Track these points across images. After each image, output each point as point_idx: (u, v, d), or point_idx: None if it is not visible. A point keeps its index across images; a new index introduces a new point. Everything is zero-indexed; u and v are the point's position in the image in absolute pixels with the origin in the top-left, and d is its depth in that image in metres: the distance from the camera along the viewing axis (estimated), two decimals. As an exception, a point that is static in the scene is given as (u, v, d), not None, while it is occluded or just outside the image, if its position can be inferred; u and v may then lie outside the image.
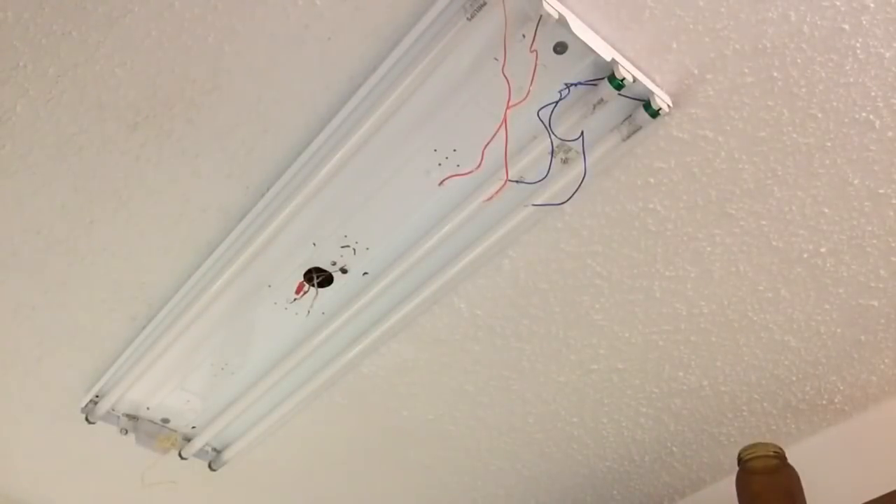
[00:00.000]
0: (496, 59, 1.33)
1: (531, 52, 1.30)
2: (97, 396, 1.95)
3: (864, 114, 1.41)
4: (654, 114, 1.39)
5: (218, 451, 2.11)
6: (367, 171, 1.51)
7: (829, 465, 1.91)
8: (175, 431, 2.05)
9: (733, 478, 1.88)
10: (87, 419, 1.98)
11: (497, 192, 1.47)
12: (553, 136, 1.42)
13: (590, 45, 1.31)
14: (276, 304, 1.74)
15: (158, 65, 1.39)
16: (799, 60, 1.35)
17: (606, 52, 1.33)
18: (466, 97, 1.41)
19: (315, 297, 1.71)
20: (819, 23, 1.30)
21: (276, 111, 1.46)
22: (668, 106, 1.40)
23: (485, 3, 1.26)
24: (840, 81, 1.37)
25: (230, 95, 1.44)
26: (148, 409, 1.98)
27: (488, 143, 1.39)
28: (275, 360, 1.86)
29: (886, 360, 1.79)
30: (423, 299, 1.72)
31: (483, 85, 1.38)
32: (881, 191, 1.51)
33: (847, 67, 1.35)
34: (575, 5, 1.29)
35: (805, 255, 1.61)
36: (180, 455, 2.07)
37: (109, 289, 1.77)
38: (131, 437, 2.00)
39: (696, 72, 1.37)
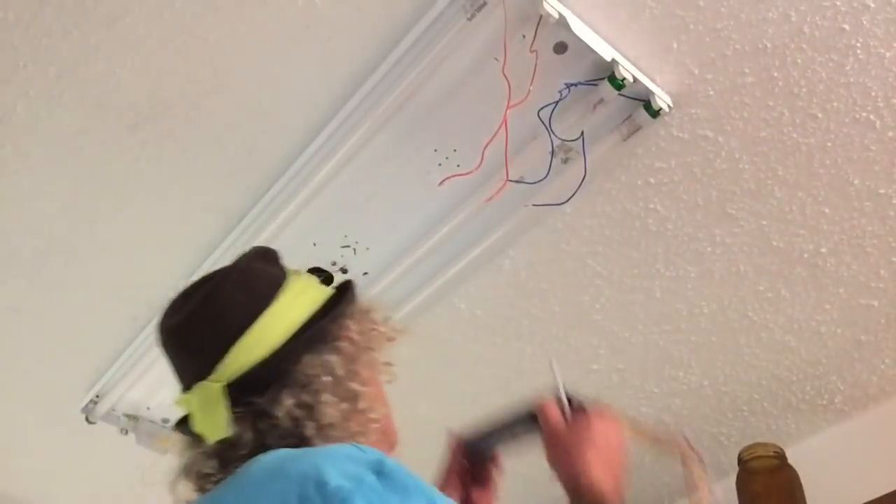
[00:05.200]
0: (496, 59, 1.32)
1: (531, 52, 1.30)
2: (97, 396, 1.95)
3: (864, 114, 1.41)
4: (655, 114, 1.39)
5: (218, 451, 2.10)
6: (367, 171, 1.51)
7: (829, 465, 1.90)
8: (175, 431, 2.04)
9: (733, 478, 1.88)
10: (87, 419, 1.98)
11: (497, 192, 1.47)
12: (553, 136, 1.42)
13: (590, 45, 1.31)
14: (276, 304, 1.73)
15: (158, 65, 1.39)
16: (799, 60, 1.35)
17: (606, 52, 1.33)
18: (466, 97, 1.41)
19: (315, 297, 1.71)
20: (819, 23, 1.30)
21: (276, 111, 1.46)
22: (669, 106, 1.40)
23: (485, 3, 1.25)
24: (840, 81, 1.37)
25: (230, 95, 1.44)
26: (148, 409, 1.98)
27: (488, 143, 1.39)
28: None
29: (886, 360, 1.79)
30: (423, 299, 1.72)
31: (483, 85, 1.38)
32: (881, 191, 1.51)
33: (847, 67, 1.35)
34: (575, 5, 1.29)
35: (805, 255, 1.61)
36: (180, 455, 2.07)
37: (109, 289, 1.77)
38: (131, 437, 1.99)
39: (696, 72, 1.37)
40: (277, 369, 0.95)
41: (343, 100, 1.43)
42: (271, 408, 0.94)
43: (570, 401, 1.11)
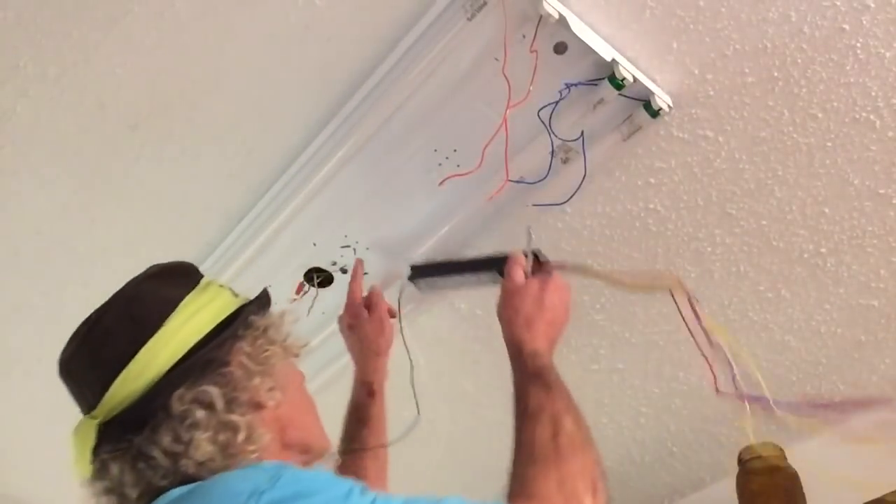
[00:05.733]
0: (496, 59, 1.33)
1: (531, 52, 1.30)
2: (97, 396, 1.95)
3: (864, 114, 1.41)
4: (655, 114, 1.39)
5: (218, 451, 2.10)
6: (367, 171, 1.51)
7: (829, 465, 1.90)
8: (175, 431, 2.04)
9: (733, 478, 1.88)
10: (87, 419, 1.98)
11: (497, 192, 1.47)
12: (553, 136, 1.42)
13: (590, 45, 1.31)
14: (276, 304, 1.73)
15: (158, 65, 1.39)
16: (799, 60, 1.35)
17: (606, 52, 1.33)
18: (466, 97, 1.41)
19: (315, 297, 1.71)
20: (819, 23, 1.30)
21: (276, 111, 1.46)
22: (669, 106, 1.40)
23: (485, 3, 1.26)
24: (840, 81, 1.37)
25: (230, 95, 1.44)
26: (148, 409, 1.98)
27: (488, 143, 1.39)
28: (275, 360, 1.86)
29: (886, 360, 1.79)
30: (424, 299, 1.72)
31: (483, 85, 1.38)
32: (881, 191, 1.51)
33: (847, 67, 1.35)
34: (575, 5, 1.29)
35: (805, 255, 1.61)
36: (180, 455, 2.07)
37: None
38: (131, 437, 1.99)
39: (696, 72, 1.37)
40: (153, 405, 0.91)
41: (343, 100, 1.43)
42: (147, 447, 0.90)
43: (538, 260, 1.23)
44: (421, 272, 1.37)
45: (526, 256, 1.23)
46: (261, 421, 0.94)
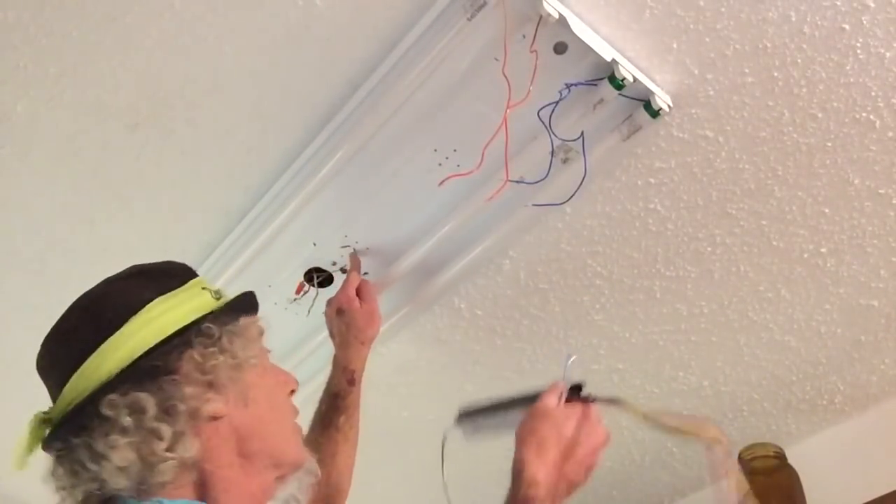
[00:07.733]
0: (496, 59, 1.32)
1: (531, 52, 1.30)
2: (97, 396, 1.95)
3: (864, 114, 1.41)
4: (655, 114, 1.39)
5: (218, 451, 2.10)
6: (367, 171, 1.51)
7: (829, 465, 1.91)
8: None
9: (733, 478, 1.88)
10: (87, 419, 1.97)
11: (497, 192, 1.47)
12: (553, 136, 1.42)
13: (590, 45, 1.31)
14: (276, 304, 1.73)
15: (158, 65, 1.39)
16: (799, 60, 1.35)
17: (606, 52, 1.33)
18: (466, 97, 1.41)
19: (315, 297, 1.71)
20: (819, 23, 1.30)
21: (276, 111, 1.46)
22: (669, 106, 1.39)
23: (485, 4, 1.25)
24: (840, 81, 1.37)
25: (230, 95, 1.44)
26: (148, 409, 1.98)
27: (488, 143, 1.39)
28: (274, 361, 1.86)
29: (886, 360, 1.79)
30: (423, 299, 1.72)
31: (483, 85, 1.38)
32: (881, 191, 1.51)
33: (847, 67, 1.35)
34: (575, 5, 1.29)
35: (805, 255, 1.61)
36: (180, 455, 2.07)
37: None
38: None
39: (696, 72, 1.37)
40: (90, 409, 0.91)
41: (343, 100, 1.43)
42: (80, 450, 0.91)
43: (580, 394, 1.14)
44: (468, 416, 1.32)
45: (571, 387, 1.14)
46: (197, 431, 0.92)
